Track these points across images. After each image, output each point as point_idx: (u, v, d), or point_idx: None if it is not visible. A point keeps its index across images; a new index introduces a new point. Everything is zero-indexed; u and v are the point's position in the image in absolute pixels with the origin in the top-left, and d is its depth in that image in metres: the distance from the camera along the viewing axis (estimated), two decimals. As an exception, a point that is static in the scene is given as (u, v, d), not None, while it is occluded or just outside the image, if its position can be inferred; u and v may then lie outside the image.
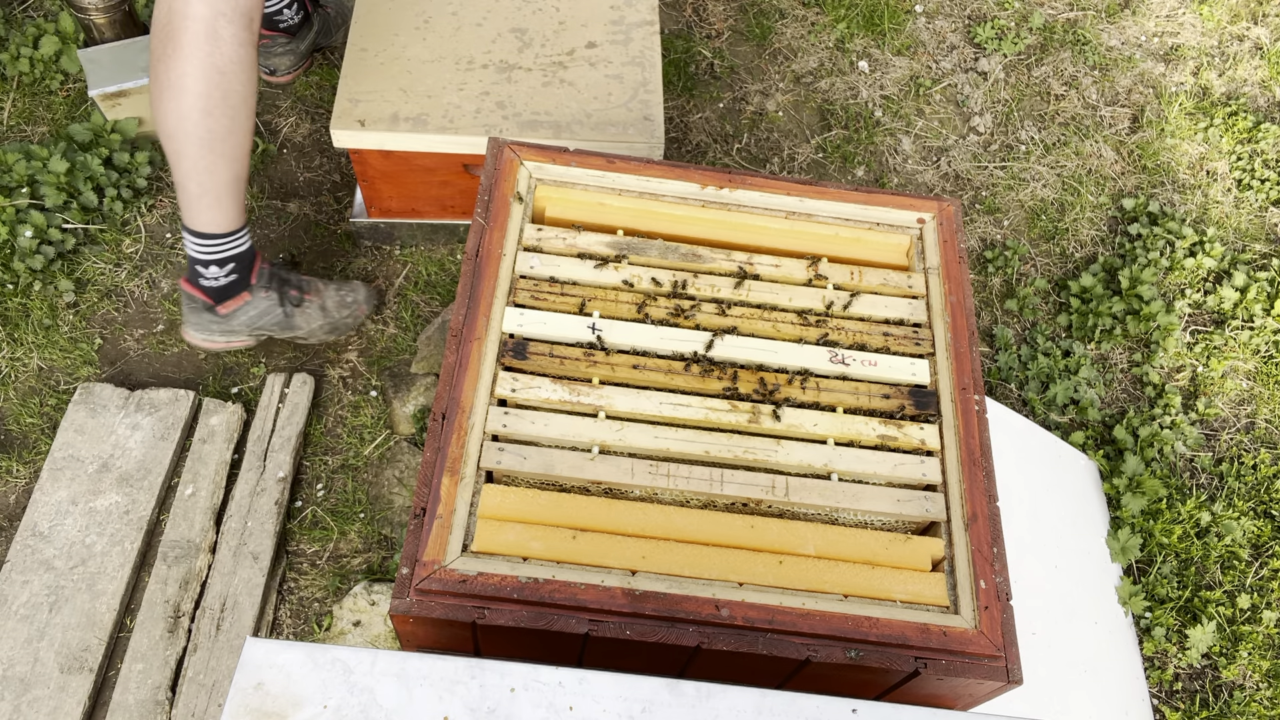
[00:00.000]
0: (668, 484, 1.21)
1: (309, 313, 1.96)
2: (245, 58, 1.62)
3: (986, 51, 2.80)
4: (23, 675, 1.67)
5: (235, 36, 1.59)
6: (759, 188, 1.48)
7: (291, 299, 1.93)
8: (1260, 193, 2.59)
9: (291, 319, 1.94)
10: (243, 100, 1.66)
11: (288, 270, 1.97)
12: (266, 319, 1.92)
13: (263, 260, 1.90)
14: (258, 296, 1.88)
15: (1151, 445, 2.14)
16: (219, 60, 1.59)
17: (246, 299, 1.87)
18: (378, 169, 2.03)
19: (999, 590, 1.18)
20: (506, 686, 0.97)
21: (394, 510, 1.94)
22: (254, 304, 1.88)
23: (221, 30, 1.57)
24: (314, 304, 1.96)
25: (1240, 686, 1.93)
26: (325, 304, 1.98)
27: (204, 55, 1.58)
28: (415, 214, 2.17)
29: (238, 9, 1.57)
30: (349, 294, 2.03)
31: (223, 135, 1.67)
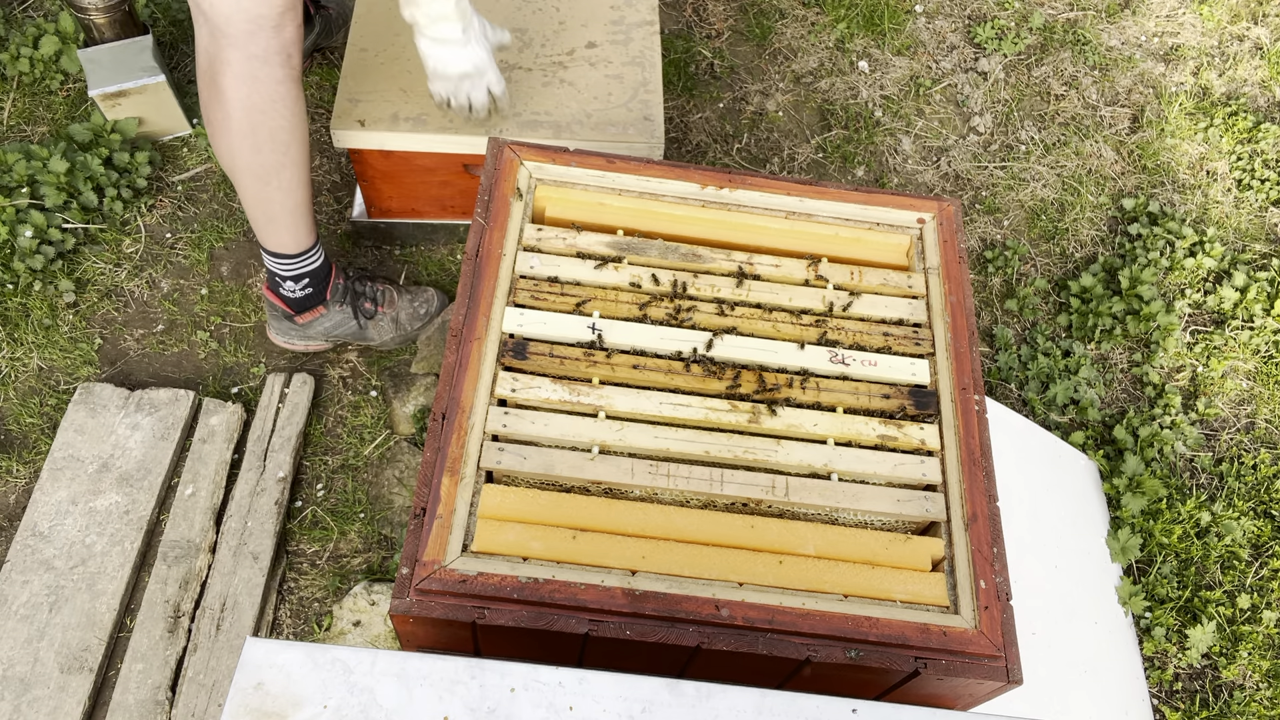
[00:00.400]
0: (668, 484, 1.21)
1: (382, 325, 2.04)
2: (286, 94, 1.64)
3: (986, 51, 2.80)
4: (23, 675, 1.67)
5: (272, 75, 1.61)
6: (759, 188, 1.48)
7: (365, 311, 2.02)
8: (1260, 193, 2.59)
9: (365, 330, 2.03)
10: (290, 134, 1.69)
11: (364, 283, 2.04)
12: (342, 329, 2.02)
13: (339, 275, 1.98)
14: (333, 310, 1.98)
15: (1151, 445, 2.14)
16: (259, 100, 1.63)
17: (322, 311, 1.97)
18: (378, 169, 2.04)
19: (999, 590, 1.18)
20: (506, 686, 0.97)
21: (394, 510, 1.94)
22: (329, 316, 1.98)
23: (258, 72, 1.59)
24: (387, 316, 2.04)
25: (1240, 686, 1.93)
26: (399, 316, 2.05)
27: (243, 98, 1.61)
28: (415, 214, 2.17)
29: (272, 49, 1.59)
30: (422, 305, 2.08)
31: (274, 169, 1.73)
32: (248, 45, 1.57)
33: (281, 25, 1.56)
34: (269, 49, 1.58)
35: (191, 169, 2.34)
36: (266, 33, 1.56)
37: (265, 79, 1.61)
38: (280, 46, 1.59)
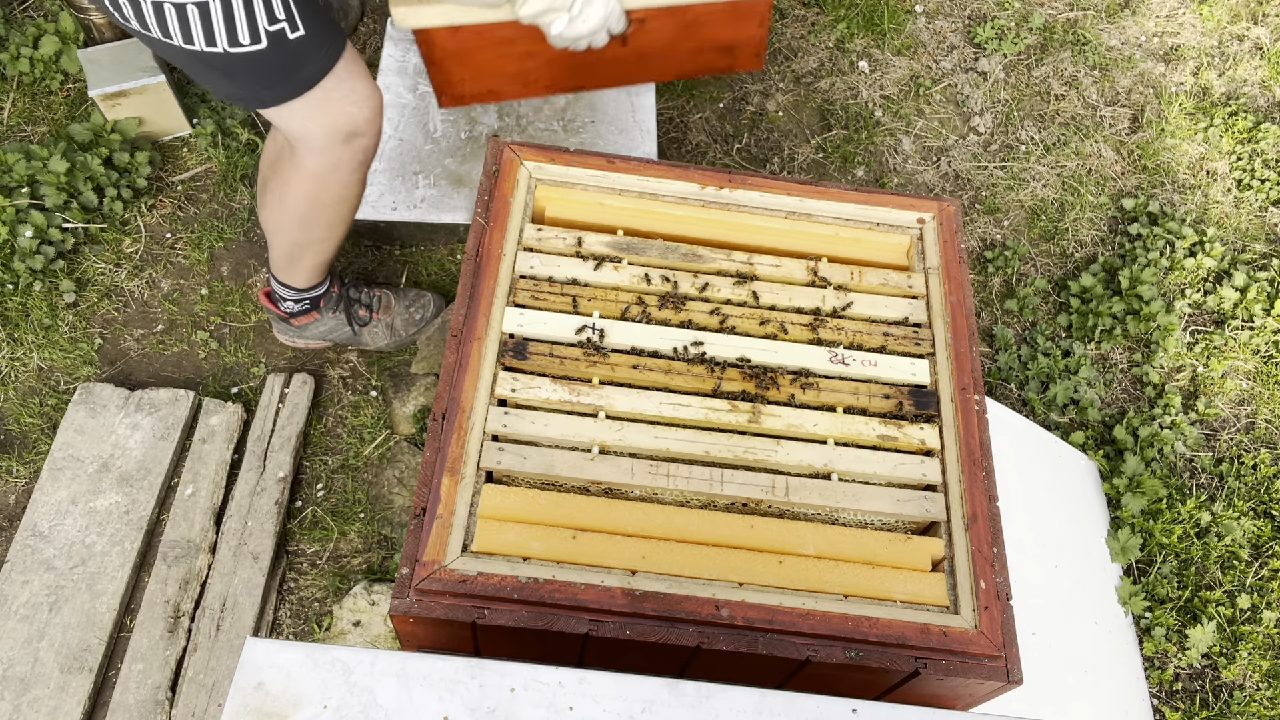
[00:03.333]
0: (668, 484, 1.21)
1: (376, 331, 2.05)
2: (352, 192, 1.66)
3: (986, 51, 2.80)
4: (23, 675, 1.67)
5: (343, 180, 1.62)
6: (759, 188, 1.48)
7: (359, 319, 2.03)
8: (1260, 193, 2.59)
9: (359, 336, 2.05)
10: (342, 220, 1.73)
11: (359, 289, 2.05)
12: (336, 333, 2.03)
13: (334, 283, 1.99)
14: (326, 316, 1.99)
15: (1151, 445, 2.14)
16: (324, 197, 1.64)
17: (316, 317, 1.99)
18: (447, 49, 1.73)
19: (999, 590, 1.18)
20: (506, 686, 0.97)
21: (394, 510, 1.94)
22: (323, 322, 2.00)
23: (329, 177, 1.60)
24: (382, 322, 2.05)
25: (1240, 686, 1.93)
26: (394, 322, 2.06)
27: (310, 191, 1.63)
28: (494, 95, 1.87)
29: (345, 157, 1.58)
30: (418, 310, 2.08)
31: (317, 241, 1.77)
32: (324, 156, 1.57)
33: (354, 137, 1.56)
34: (344, 159, 1.58)
35: (191, 169, 2.34)
36: (341, 146, 1.56)
37: (335, 183, 1.62)
38: (355, 156, 1.59)
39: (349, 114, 1.53)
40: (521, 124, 2.36)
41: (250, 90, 1.47)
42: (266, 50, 1.40)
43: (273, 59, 1.42)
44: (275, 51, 1.41)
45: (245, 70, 1.42)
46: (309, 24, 1.43)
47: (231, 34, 1.37)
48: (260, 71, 1.43)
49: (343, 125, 1.54)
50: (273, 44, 1.40)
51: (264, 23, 1.38)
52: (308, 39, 1.43)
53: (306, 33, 1.42)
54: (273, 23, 1.39)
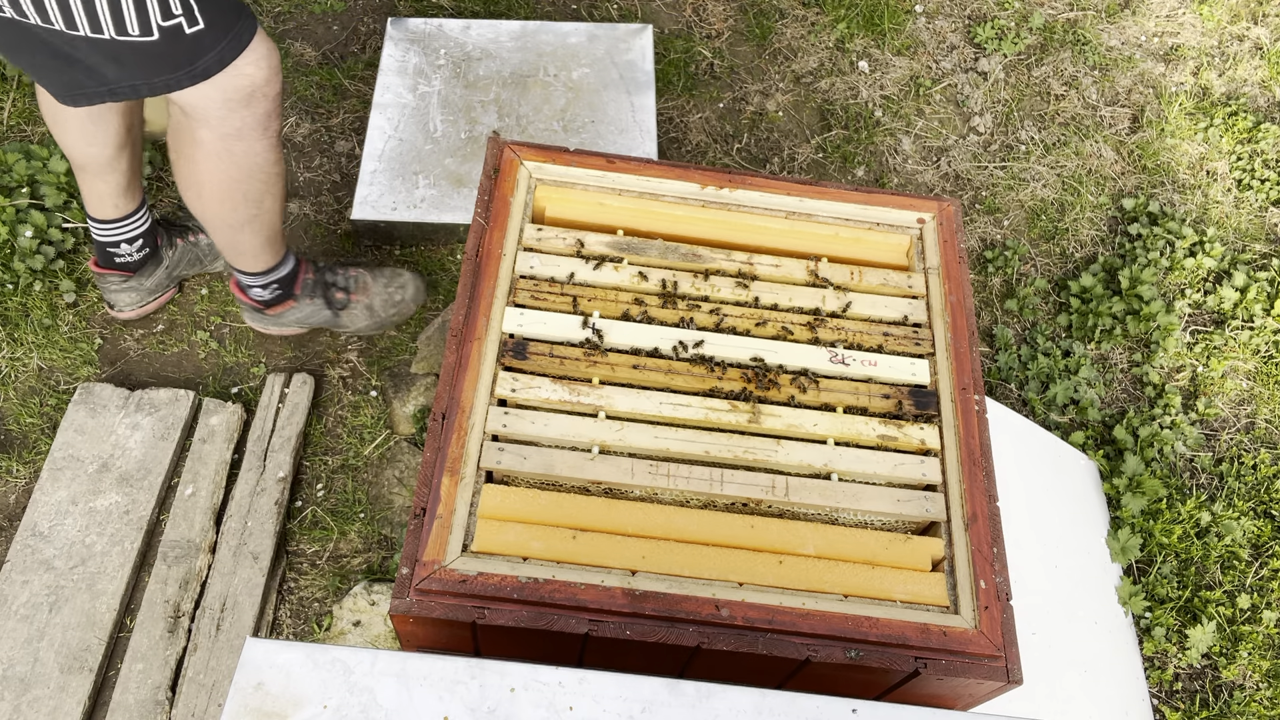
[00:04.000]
0: (668, 484, 1.21)
1: (355, 313, 2.01)
2: (264, 160, 1.59)
3: (986, 51, 2.80)
4: (23, 675, 1.67)
5: (249, 149, 1.55)
6: (759, 188, 1.48)
7: (337, 302, 1.99)
8: (1260, 193, 2.59)
9: (338, 319, 2.01)
10: (266, 189, 1.65)
11: (335, 272, 2.00)
12: (314, 318, 2.00)
13: (308, 269, 1.95)
14: (303, 302, 1.95)
15: (1151, 445, 2.14)
16: (234, 172, 1.57)
17: (292, 305, 1.95)
18: None
19: (999, 590, 1.18)
20: (506, 686, 0.97)
21: (394, 510, 1.94)
22: (300, 308, 1.96)
23: (234, 147, 1.53)
24: (360, 304, 2.00)
25: (1240, 686, 1.93)
26: (373, 303, 2.01)
27: (218, 168, 1.56)
28: None
29: (248, 124, 1.51)
30: (397, 291, 2.04)
31: (248, 219, 1.69)
32: (221, 126, 1.49)
33: (253, 99, 1.48)
34: (245, 125, 1.51)
35: (191, 169, 2.33)
36: (240, 112, 1.48)
37: (242, 153, 1.55)
38: (257, 120, 1.52)
39: (246, 75, 1.45)
40: (521, 124, 2.36)
41: (140, 77, 1.40)
42: (158, 42, 1.33)
43: (165, 50, 1.35)
44: (168, 44, 1.34)
45: (133, 57, 1.35)
46: (210, 14, 1.36)
47: (118, 22, 1.30)
48: (150, 60, 1.36)
49: (241, 87, 1.45)
50: (165, 37, 1.33)
51: (156, 17, 1.31)
52: (207, 31, 1.36)
53: (206, 25, 1.36)
54: (167, 17, 1.32)
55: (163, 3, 1.31)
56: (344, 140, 2.44)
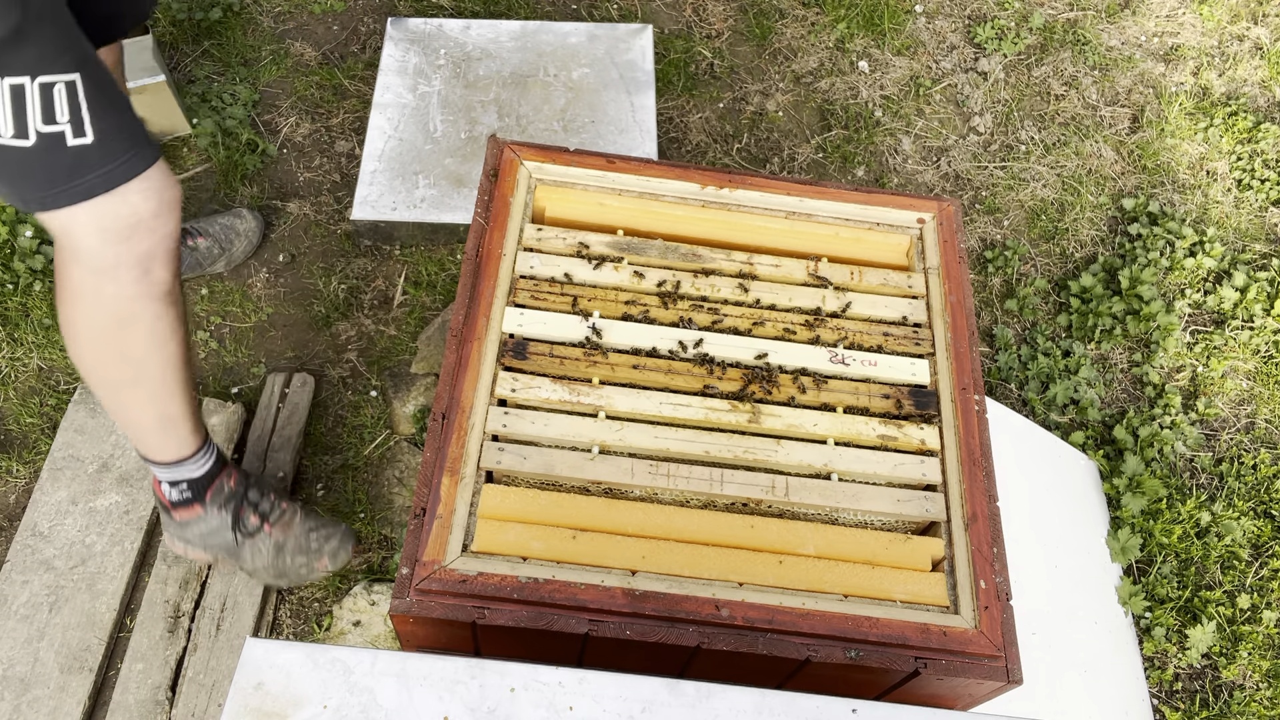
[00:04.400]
0: (668, 484, 1.21)
1: (259, 547, 1.70)
2: (143, 308, 1.34)
3: (986, 51, 2.80)
4: (23, 675, 1.67)
5: (122, 293, 1.31)
6: (759, 188, 1.48)
7: (246, 526, 1.68)
8: (1260, 193, 2.59)
9: (239, 549, 1.69)
10: (150, 350, 1.39)
11: (264, 493, 1.71)
12: (214, 538, 1.68)
13: (230, 478, 1.66)
14: (210, 514, 1.65)
15: (1151, 445, 2.14)
16: (102, 318, 1.34)
17: (199, 513, 1.65)
18: None
19: (999, 590, 1.18)
20: (506, 686, 0.97)
21: (394, 510, 1.94)
22: (205, 520, 1.66)
23: (104, 287, 1.30)
24: (270, 540, 1.70)
25: (1240, 686, 1.93)
26: (284, 544, 1.71)
27: (84, 312, 1.33)
28: None
29: (123, 261, 1.28)
30: (319, 540, 1.74)
31: (127, 383, 1.44)
32: (90, 260, 1.27)
33: (134, 233, 1.26)
34: (119, 262, 1.28)
35: (191, 169, 2.34)
36: (115, 246, 1.26)
37: (112, 296, 1.31)
38: (135, 258, 1.28)
39: (130, 204, 1.23)
40: (521, 124, 2.36)
41: (12, 189, 1.21)
42: (32, 149, 1.15)
43: (40, 161, 1.17)
44: (45, 153, 1.16)
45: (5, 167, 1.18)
46: (102, 131, 1.18)
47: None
48: (21, 169, 1.18)
49: (121, 216, 1.24)
50: (43, 145, 1.16)
51: (35, 120, 1.14)
52: (95, 148, 1.18)
53: (95, 141, 1.18)
54: (48, 122, 1.15)
55: (45, 104, 1.14)
56: (344, 140, 2.44)
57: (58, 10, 1.17)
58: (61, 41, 1.16)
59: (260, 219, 2.23)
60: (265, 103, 2.47)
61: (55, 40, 1.15)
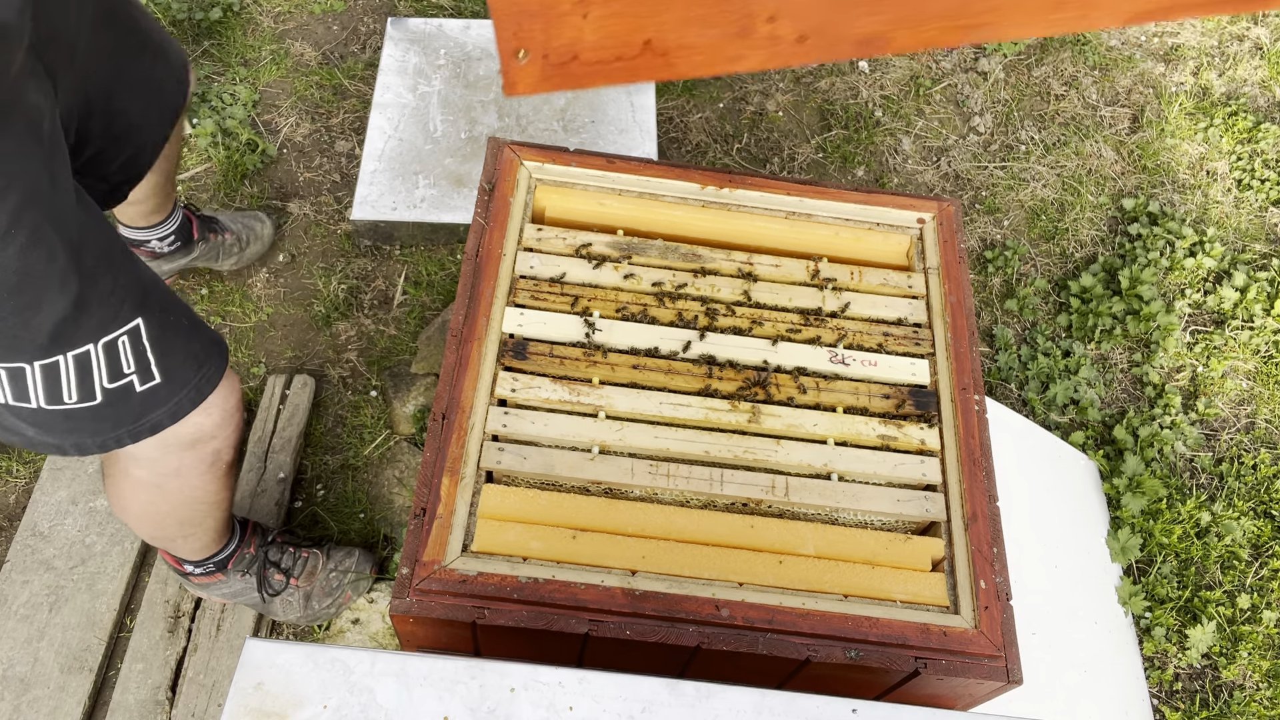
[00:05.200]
0: (668, 484, 1.21)
1: (290, 601, 1.73)
2: (204, 491, 1.35)
3: (986, 51, 2.79)
4: (23, 675, 1.67)
5: (186, 484, 1.32)
6: (759, 188, 1.48)
7: (272, 585, 1.70)
8: (1260, 193, 2.59)
9: (267, 605, 1.72)
10: (207, 513, 1.42)
11: (284, 550, 1.73)
12: (241, 598, 1.71)
13: (251, 544, 1.68)
14: (232, 578, 1.67)
15: (1151, 445, 2.14)
16: (165, 506, 1.35)
17: (221, 579, 1.66)
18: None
19: (999, 590, 1.18)
20: (506, 686, 0.97)
21: (394, 510, 1.94)
22: (229, 583, 1.68)
23: (168, 484, 1.31)
24: (299, 592, 1.73)
25: (1240, 686, 1.93)
26: (312, 591, 1.74)
27: (148, 500, 1.33)
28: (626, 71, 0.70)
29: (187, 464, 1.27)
30: (338, 576, 1.76)
31: (181, 535, 1.47)
32: (155, 466, 1.26)
33: (198, 443, 1.25)
34: (184, 465, 1.27)
35: (191, 169, 2.34)
36: (180, 454, 1.25)
37: (176, 489, 1.32)
38: (200, 459, 1.28)
39: (193, 423, 1.22)
40: (521, 124, 2.36)
41: (68, 439, 1.14)
42: (99, 406, 1.10)
43: (106, 413, 1.12)
44: (111, 406, 1.12)
45: (61, 423, 1.11)
46: (168, 367, 1.14)
47: (52, 394, 1.07)
48: (84, 423, 1.12)
49: (183, 436, 1.22)
50: (110, 399, 1.11)
51: (101, 380, 1.09)
52: (163, 385, 1.15)
53: (163, 380, 1.14)
54: (115, 379, 1.10)
55: (111, 364, 1.09)
56: (344, 140, 2.44)
57: (110, 251, 1.09)
58: (121, 291, 1.08)
59: (274, 224, 2.23)
60: (265, 103, 2.47)
61: (115, 292, 1.08)
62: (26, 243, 0.97)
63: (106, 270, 1.07)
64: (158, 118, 1.45)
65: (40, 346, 1.02)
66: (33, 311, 1.00)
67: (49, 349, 1.03)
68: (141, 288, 1.12)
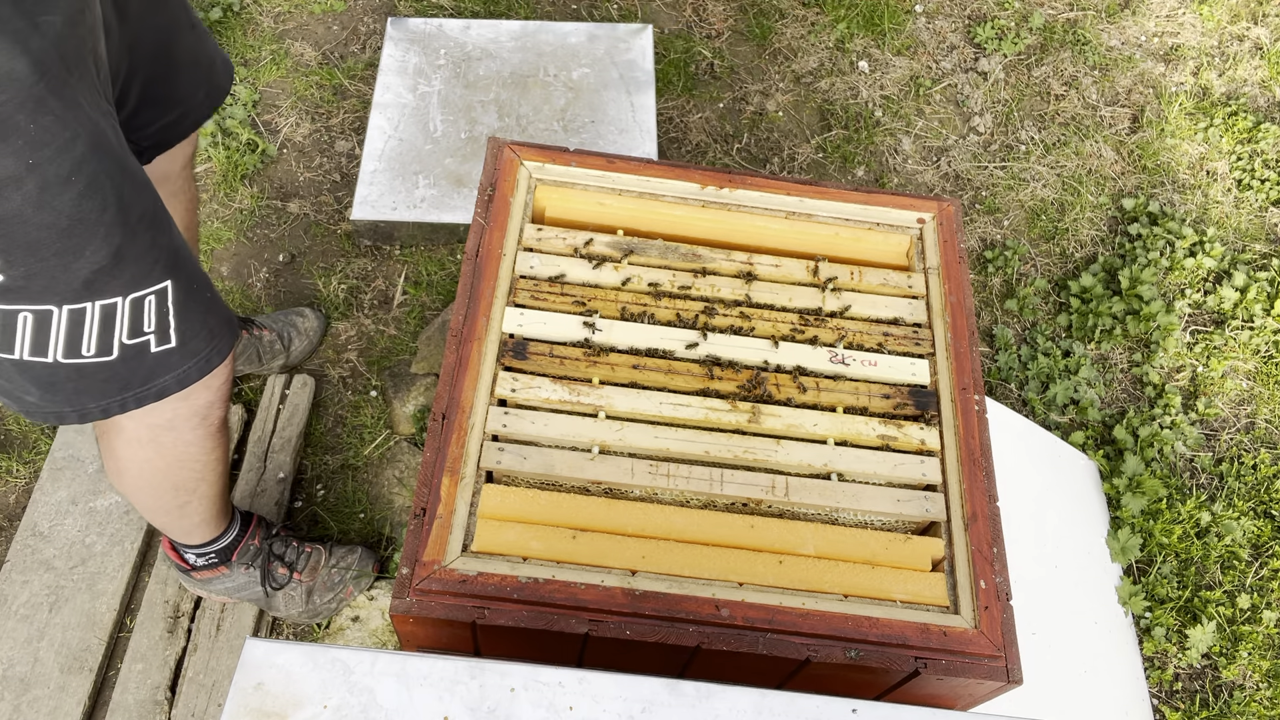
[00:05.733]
0: (668, 484, 1.21)
1: (292, 596, 1.73)
2: (199, 448, 1.35)
3: (986, 51, 2.79)
4: (23, 675, 1.67)
5: (180, 439, 1.31)
6: (759, 188, 1.48)
7: (276, 579, 1.71)
8: (1260, 193, 2.59)
9: (270, 600, 1.73)
10: (201, 476, 1.42)
11: (288, 544, 1.74)
12: (244, 592, 1.72)
13: (255, 536, 1.69)
14: (236, 572, 1.68)
15: (1151, 445, 2.14)
16: (160, 461, 1.34)
17: (224, 572, 1.67)
18: None
19: (999, 590, 1.18)
20: (506, 686, 0.97)
21: (394, 510, 1.94)
22: (232, 577, 1.69)
23: (161, 437, 1.30)
24: (302, 587, 1.74)
25: (1240, 686, 1.93)
26: (314, 586, 1.75)
27: (142, 455, 1.32)
28: None
29: (180, 415, 1.27)
30: (340, 572, 1.78)
31: (178, 506, 1.47)
32: (147, 416, 1.24)
33: (191, 396, 1.25)
34: (177, 416, 1.27)
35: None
36: (173, 403, 1.24)
37: (170, 442, 1.31)
38: (193, 410, 1.28)
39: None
40: (521, 124, 2.36)
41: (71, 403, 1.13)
42: (114, 362, 1.10)
43: (118, 371, 1.12)
44: (124, 364, 1.11)
45: (72, 382, 1.10)
46: (184, 333, 1.15)
47: (72, 344, 1.06)
48: (94, 384, 1.11)
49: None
50: (124, 356, 1.10)
51: (121, 335, 1.09)
52: (177, 351, 1.16)
53: (178, 345, 1.15)
54: (135, 335, 1.10)
55: (134, 320, 1.09)
56: (344, 140, 2.44)
57: (154, 211, 1.11)
58: (157, 251, 1.10)
59: (322, 318, 2.12)
60: (265, 103, 2.47)
61: (152, 250, 1.09)
62: (84, 190, 1.00)
63: (148, 229, 1.09)
64: (205, 95, 1.48)
65: (73, 291, 1.04)
66: (74, 256, 1.02)
67: (80, 294, 1.04)
68: (175, 252, 1.14)
